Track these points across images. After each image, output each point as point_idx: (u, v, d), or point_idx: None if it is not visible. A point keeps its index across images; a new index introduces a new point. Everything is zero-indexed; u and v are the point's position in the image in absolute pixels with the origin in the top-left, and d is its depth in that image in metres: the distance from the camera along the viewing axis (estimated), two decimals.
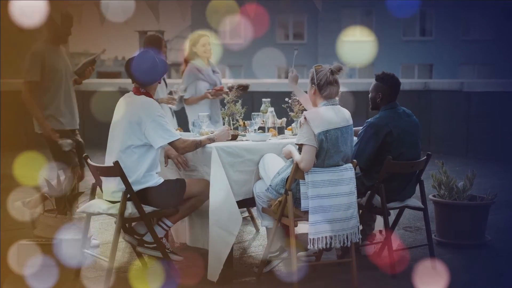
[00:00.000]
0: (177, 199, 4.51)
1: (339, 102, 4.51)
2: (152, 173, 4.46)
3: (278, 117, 5.39)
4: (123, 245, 5.35)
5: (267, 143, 4.84)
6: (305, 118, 4.31)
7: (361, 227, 4.72)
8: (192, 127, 5.18)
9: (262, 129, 5.24)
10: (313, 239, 4.28)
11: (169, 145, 4.48)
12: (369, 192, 4.78)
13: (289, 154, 4.50)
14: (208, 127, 5.18)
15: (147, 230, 4.46)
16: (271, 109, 5.37)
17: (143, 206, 4.36)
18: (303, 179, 4.30)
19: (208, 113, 5.61)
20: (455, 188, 5.52)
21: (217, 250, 4.46)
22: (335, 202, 4.32)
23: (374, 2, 32.26)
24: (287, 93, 5.31)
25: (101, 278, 4.54)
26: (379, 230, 5.24)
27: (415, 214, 6.40)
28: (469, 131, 11.13)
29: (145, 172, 4.40)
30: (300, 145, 4.33)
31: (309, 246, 4.29)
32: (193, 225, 5.08)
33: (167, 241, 4.82)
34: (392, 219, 5.09)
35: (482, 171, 8.61)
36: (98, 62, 5.67)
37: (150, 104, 4.45)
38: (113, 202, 4.44)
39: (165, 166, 4.87)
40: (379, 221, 5.27)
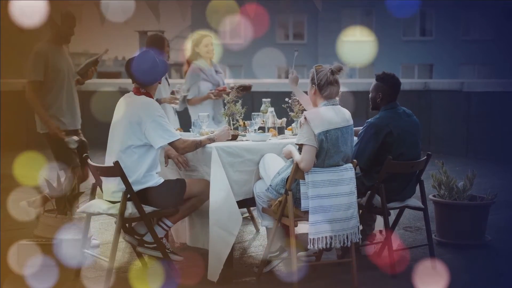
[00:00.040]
0: (177, 199, 4.51)
1: (339, 102, 4.51)
2: (152, 173, 4.45)
3: (278, 117, 5.39)
4: (123, 245, 5.35)
5: (267, 143, 4.84)
6: (305, 118, 4.31)
7: (361, 227, 4.71)
8: (192, 127, 5.18)
9: (262, 129, 5.24)
10: (313, 239, 4.27)
11: (169, 145, 4.48)
12: (369, 192, 4.78)
13: (289, 154, 4.50)
14: (211, 127, 5.17)
15: (147, 230, 4.46)
16: (271, 109, 5.37)
17: (143, 206, 4.36)
18: (303, 179, 4.30)
19: (210, 114, 5.60)
20: (455, 188, 5.51)
21: (217, 250, 4.46)
22: (335, 202, 4.32)
23: (374, 2, 32.25)
24: (287, 93, 5.31)
25: (101, 278, 4.53)
26: (379, 230, 5.23)
27: (415, 214, 6.40)
28: (469, 131, 11.13)
29: (145, 172, 4.40)
30: (300, 145, 4.33)
31: (309, 246, 4.29)
32: (193, 225, 5.07)
33: (167, 241, 4.82)
34: (392, 219, 5.08)
35: (482, 171, 8.61)
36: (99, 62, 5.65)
37: (150, 104, 4.45)
38: (113, 202, 4.44)
39: (165, 166, 4.87)
40: (379, 221, 5.27)
